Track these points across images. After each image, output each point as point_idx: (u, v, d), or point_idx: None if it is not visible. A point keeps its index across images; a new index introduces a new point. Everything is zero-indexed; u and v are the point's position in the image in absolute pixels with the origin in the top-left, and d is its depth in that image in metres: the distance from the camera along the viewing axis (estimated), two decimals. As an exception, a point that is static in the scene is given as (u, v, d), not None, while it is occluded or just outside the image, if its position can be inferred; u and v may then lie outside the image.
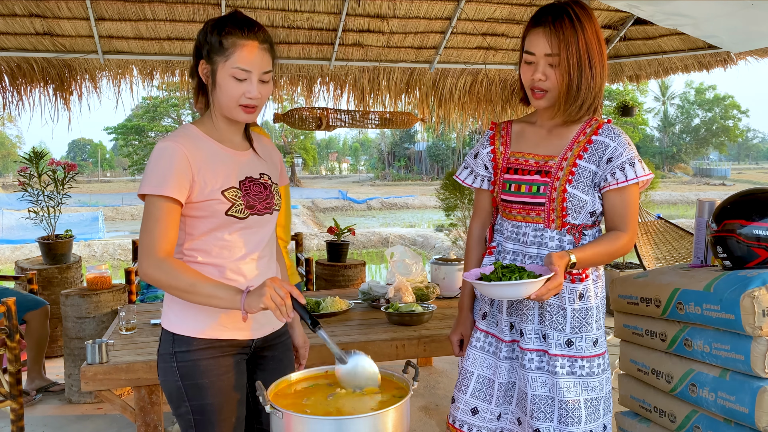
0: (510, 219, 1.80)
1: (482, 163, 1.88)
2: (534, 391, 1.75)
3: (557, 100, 1.69)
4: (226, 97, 1.59)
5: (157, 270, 1.49)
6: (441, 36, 5.94)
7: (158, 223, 1.52)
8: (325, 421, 1.26)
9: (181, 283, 1.48)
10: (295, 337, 1.91)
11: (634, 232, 1.76)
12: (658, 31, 6.13)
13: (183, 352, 1.61)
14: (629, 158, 1.70)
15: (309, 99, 6.11)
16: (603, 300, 1.82)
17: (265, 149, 1.80)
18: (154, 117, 34.34)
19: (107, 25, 5.11)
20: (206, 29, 1.61)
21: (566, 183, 1.70)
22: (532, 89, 1.72)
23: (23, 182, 4.77)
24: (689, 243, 4.76)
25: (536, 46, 1.66)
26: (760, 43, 4.87)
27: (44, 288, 4.61)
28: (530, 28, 1.71)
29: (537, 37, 1.66)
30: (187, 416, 1.63)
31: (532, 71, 1.68)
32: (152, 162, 1.56)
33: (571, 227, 1.73)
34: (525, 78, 1.73)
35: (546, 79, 1.67)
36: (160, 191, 1.52)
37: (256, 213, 1.65)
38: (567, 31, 1.63)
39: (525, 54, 1.72)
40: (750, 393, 1.88)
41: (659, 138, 48.91)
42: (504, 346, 1.83)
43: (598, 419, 1.75)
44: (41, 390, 3.88)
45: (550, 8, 1.68)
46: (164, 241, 1.51)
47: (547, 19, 1.66)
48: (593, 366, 1.75)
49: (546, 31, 1.64)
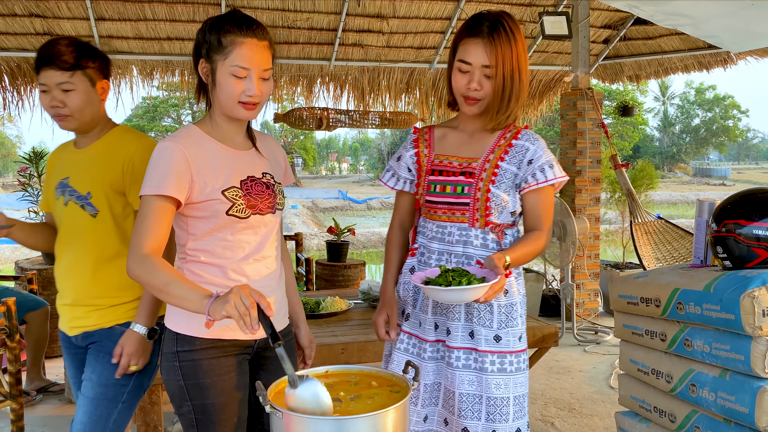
0: (435, 219, 1.84)
1: (405, 166, 1.91)
2: (461, 390, 1.77)
3: (488, 108, 1.75)
4: (225, 96, 1.59)
5: (138, 266, 1.48)
6: (441, 36, 5.94)
7: (147, 220, 1.52)
8: (325, 421, 1.26)
9: (157, 281, 1.45)
10: (301, 337, 1.90)
11: (550, 231, 1.87)
12: (658, 31, 6.13)
13: (186, 351, 1.61)
14: (548, 161, 1.79)
15: (309, 99, 6.11)
16: (524, 296, 1.88)
17: (268, 148, 1.79)
18: (154, 117, 34.33)
19: (107, 25, 5.11)
20: (205, 28, 1.61)
21: (489, 183, 1.76)
22: (466, 97, 1.75)
23: (23, 182, 4.77)
24: (689, 243, 4.76)
25: (473, 56, 1.69)
26: (760, 43, 4.87)
27: (44, 288, 4.60)
28: (465, 37, 1.73)
29: (474, 47, 1.69)
30: (189, 415, 1.63)
31: (468, 80, 1.72)
32: (152, 163, 1.56)
33: (494, 226, 1.79)
34: (458, 85, 1.75)
35: (481, 89, 1.71)
36: (156, 191, 1.52)
37: (258, 213, 1.64)
38: (503, 44, 1.68)
39: (459, 62, 1.73)
40: (750, 393, 1.88)
41: (659, 138, 48.92)
42: (428, 346, 1.85)
43: (524, 417, 1.80)
44: (41, 390, 3.88)
45: (484, 18, 1.72)
46: (150, 239, 1.50)
47: (484, 30, 1.69)
48: (520, 362, 1.80)
49: (484, 42, 1.68)
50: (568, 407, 3.76)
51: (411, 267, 1.89)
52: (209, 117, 1.68)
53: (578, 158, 5.68)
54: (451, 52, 1.79)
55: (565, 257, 5.10)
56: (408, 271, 1.90)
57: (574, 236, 4.91)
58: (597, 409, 3.73)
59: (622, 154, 27.66)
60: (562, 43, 6.20)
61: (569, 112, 5.75)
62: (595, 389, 4.06)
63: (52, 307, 4.52)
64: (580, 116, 5.64)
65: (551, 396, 3.94)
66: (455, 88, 1.76)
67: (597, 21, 6.07)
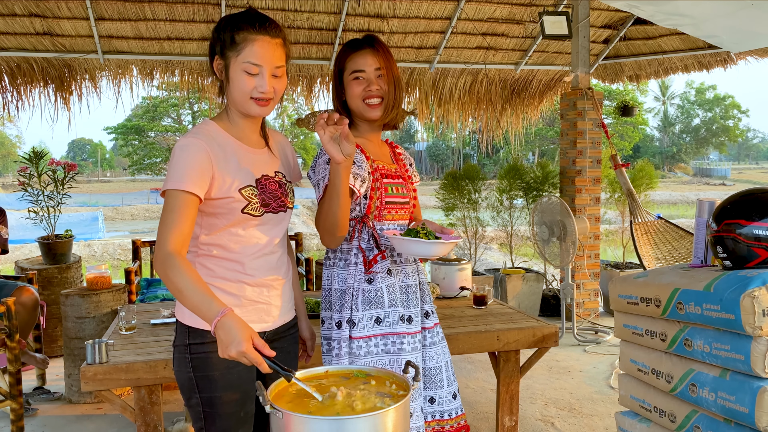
0: (395, 219, 1.98)
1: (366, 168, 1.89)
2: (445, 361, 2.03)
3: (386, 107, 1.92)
4: (238, 92, 1.61)
5: (162, 265, 1.51)
6: (441, 36, 5.94)
7: (171, 215, 1.53)
8: (325, 421, 1.26)
9: (177, 283, 1.48)
10: (303, 329, 1.96)
11: None
12: (658, 31, 6.13)
13: (197, 344, 1.64)
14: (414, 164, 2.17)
15: (309, 99, 6.11)
16: None
17: (280, 147, 1.83)
18: (154, 117, 34.31)
19: (107, 25, 5.11)
20: (219, 26, 1.64)
21: (411, 183, 2.08)
22: (367, 100, 1.90)
23: (23, 182, 4.77)
24: (689, 243, 4.76)
25: (365, 64, 1.89)
26: (760, 43, 4.87)
27: (44, 288, 4.61)
28: (351, 54, 1.91)
29: (364, 57, 1.90)
30: (197, 408, 1.67)
31: (366, 84, 1.89)
32: (173, 159, 1.58)
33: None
34: (357, 93, 1.90)
35: (379, 88, 1.90)
36: (179, 186, 1.54)
37: (271, 211, 1.68)
38: (386, 53, 1.92)
39: (354, 73, 1.90)
40: (750, 393, 1.88)
41: (659, 138, 48.92)
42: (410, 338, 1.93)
43: None
44: (33, 394, 3.87)
45: (360, 39, 1.94)
46: (176, 234, 1.52)
47: (364, 44, 1.92)
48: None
49: (371, 51, 1.90)
50: (568, 407, 3.76)
51: (388, 269, 1.92)
52: (226, 114, 1.71)
53: (578, 158, 5.68)
54: (336, 74, 1.95)
55: (565, 257, 5.10)
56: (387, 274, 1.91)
57: (574, 236, 4.91)
58: (597, 409, 3.73)
59: (622, 154, 27.67)
60: (562, 43, 6.20)
61: (569, 112, 5.75)
62: (595, 389, 4.06)
63: (52, 307, 4.53)
64: (580, 116, 5.64)
65: (551, 396, 3.94)
66: (356, 96, 1.90)
67: (597, 21, 6.07)
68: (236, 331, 1.39)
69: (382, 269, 1.91)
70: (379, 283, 1.89)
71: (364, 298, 1.88)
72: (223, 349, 1.40)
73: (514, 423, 2.95)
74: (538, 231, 5.33)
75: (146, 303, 3.58)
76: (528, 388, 4.04)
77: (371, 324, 1.88)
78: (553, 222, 5.14)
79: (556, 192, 6.16)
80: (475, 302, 3.23)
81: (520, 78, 6.61)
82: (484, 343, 2.78)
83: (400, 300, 1.93)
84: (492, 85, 6.55)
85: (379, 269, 1.90)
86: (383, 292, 1.90)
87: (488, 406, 3.77)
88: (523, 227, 6.76)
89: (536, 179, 6.29)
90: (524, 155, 34.31)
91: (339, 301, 1.90)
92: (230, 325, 1.40)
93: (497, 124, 6.82)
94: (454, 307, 3.25)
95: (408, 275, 1.97)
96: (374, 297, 1.89)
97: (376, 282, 1.89)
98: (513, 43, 6.22)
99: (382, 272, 1.91)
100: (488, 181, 6.72)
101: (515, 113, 6.85)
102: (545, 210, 5.23)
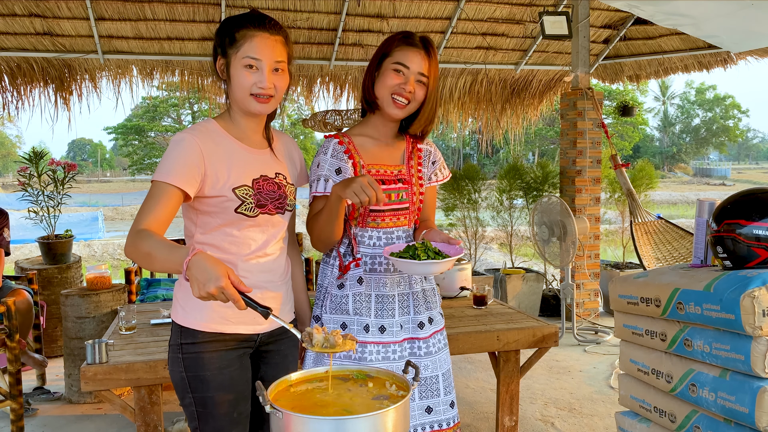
0: (381, 227, 1.89)
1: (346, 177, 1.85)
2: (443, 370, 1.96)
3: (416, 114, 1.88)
4: (238, 88, 1.61)
5: (132, 241, 1.46)
6: (441, 36, 5.94)
7: (151, 201, 1.52)
8: (325, 421, 1.26)
9: (143, 249, 1.42)
10: None
11: None
12: (658, 31, 6.13)
13: (189, 344, 1.64)
14: (442, 161, 2.07)
15: (309, 99, 6.12)
16: None
17: (285, 149, 1.82)
18: (154, 117, 34.29)
19: (107, 25, 5.11)
20: (221, 27, 1.65)
21: (419, 187, 1.96)
22: (395, 96, 1.82)
23: (23, 182, 4.77)
24: (689, 243, 4.76)
25: (412, 62, 1.81)
26: (760, 43, 4.87)
27: (44, 288, 4.61)
28: (403, 45, 1.83)
29: (414, 54, 1.82)
30: (191, 408, 1.66)
31: (403, 80, 1.81)
32: (166, 153, 1.59)
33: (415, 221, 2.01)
34: (390, 84, 1.81)
35: (412, 91, 1.83)
36: (164, 178, 1.53)
37: (267, 212, 1.67)
38: (435, 62, 1.85)
39: (396, 64, 1.82)
40: (750, 393, 1.88)
41: (659, 138, 48.91)
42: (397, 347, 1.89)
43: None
44: (33, 394, 3.86)
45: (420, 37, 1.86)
46: (151, 219, 1.49)
47: (419, 43, 1.83)
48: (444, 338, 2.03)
49: (424, 54, 1.83)
50: (568, 407, 3.76)
51: (359, 277, 1.88)
52: (228, 113, 1.71)
53: (578, 158, 5.68)
54: (378, 57, 1.86)
55: (565, 257, 5.10)
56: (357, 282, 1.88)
57: (574, 236, 4.91)
58: (597, 409, 3.73)
59: (622, 154, 27.66)
60: (562, 42, 6.20)
61: (569, 111, 5.75)
62: (595, 389, 4.06)
63: (52, 307, 4.53)
64: (580, 116, 5.64)
65: (551, 396, 3.94)
66: (387, 86, 1.82)
67: (597, 21, 6.07)
68: (211, 268, 1.30)
69: (353, 277, 1.88)
70: (347, 290, 1.88)
71: (331, 302, 1.89)
72: (200, 287, 1.30)
73: (514, 423, 2.95)
74: (538, 231, 5.33)
75: (146, 303, 3.58)
76: (528, 388, 4.04)
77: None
78: (553, 222, 5.14)
79: (556, 192, 6.16)
80: (475, 302, 3.23)
81: (520, 78, 6.61)
82: (484, 343, 2.78)
83: (373, 310, 1.88)
84: (492, 85, 6.55)
85: (350, 277, 1.88)
86: (348, 300, 1.88)
87: (488, 406, 3.77)
88: (523, 227, 6.76)
89: (536, 179, 6.29)
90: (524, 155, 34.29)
91: (318, 296, 1.95)
92: (203, 262, 1.31)
93: (497, 124, 6.82)
94: (454, 307, 3.25)
95: (386, 285, 1.88)
96: (339, 303, 1.89)
97: (345, 289, 1.89)
98: (513, 43, 6.22)
99: (352, 280, 1.88)
100: (488, 181, 6.72)
101: (515, 113, 6.85)
102: (545, 210, 5.23)
